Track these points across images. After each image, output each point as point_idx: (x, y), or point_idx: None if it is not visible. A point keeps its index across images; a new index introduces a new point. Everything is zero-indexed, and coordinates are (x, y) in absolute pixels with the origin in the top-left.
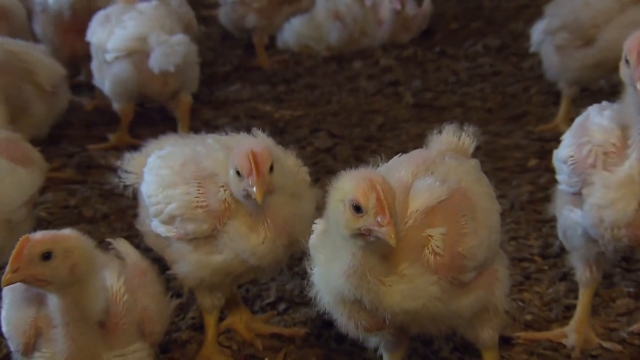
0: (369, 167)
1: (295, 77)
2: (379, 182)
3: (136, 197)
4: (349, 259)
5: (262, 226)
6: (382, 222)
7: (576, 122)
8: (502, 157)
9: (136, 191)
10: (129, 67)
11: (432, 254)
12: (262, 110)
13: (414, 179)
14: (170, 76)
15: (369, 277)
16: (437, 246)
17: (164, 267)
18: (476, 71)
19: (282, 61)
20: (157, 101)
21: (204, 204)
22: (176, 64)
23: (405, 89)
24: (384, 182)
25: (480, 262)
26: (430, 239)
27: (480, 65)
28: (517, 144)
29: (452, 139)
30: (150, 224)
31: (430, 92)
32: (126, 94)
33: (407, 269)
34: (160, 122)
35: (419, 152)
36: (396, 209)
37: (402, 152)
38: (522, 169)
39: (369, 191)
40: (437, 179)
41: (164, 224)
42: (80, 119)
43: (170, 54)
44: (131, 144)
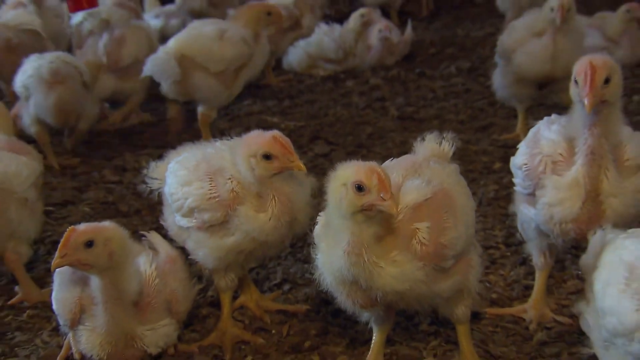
0: None
1: (298, 93)
2: (377, 167)
3: (161, 198)
4: (348, 237)
5: (270, 204)
6: (385, 196)
7: (530, 133)
8: (472, 160)
9: (161, 194)
10: None
11: (418, 244)
12: (270, 121)
13: (404, 180)
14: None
15: (365, 255)
16: (423, 237)
17: (185, 255)
18: (450, 89)
19: (287, 80)
20: None
21: (216, 195)
22: None
23: (390, 104)
24: (380, 167)
25: (458, 251)
26: (417, 231)
27: (453, 84)
28: (485, 149)
29: (434, 146)
30: (173, 219)
31: (411, 106)
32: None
33: (398, 256)
34: (183, 132)
35: (407, 158)
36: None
37: (388, 157)
38: (488, 170)
39: (371, 173)
40: (423, 180)
41: (185, 217)
42: (116, 129)
43: None
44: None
